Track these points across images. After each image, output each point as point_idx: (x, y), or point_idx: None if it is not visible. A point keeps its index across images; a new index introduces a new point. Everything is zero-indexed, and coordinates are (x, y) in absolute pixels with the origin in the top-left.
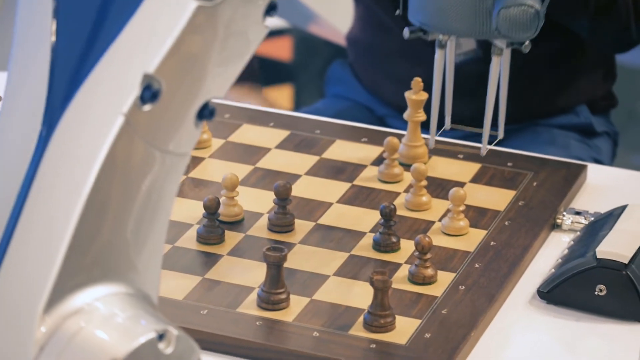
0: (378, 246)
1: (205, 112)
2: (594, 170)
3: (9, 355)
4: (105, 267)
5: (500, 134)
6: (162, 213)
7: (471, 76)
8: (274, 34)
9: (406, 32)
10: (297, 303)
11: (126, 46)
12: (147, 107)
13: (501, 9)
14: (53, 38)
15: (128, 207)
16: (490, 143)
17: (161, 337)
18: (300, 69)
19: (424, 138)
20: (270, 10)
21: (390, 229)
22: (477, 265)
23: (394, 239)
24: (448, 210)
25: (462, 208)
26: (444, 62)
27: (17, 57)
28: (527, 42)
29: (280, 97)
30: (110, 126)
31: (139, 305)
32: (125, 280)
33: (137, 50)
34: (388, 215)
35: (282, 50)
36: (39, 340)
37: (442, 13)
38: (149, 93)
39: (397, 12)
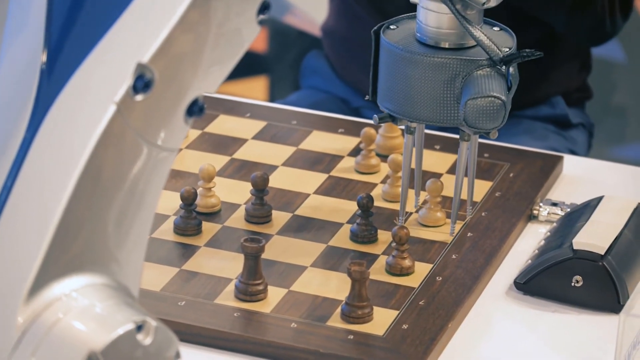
0: (355, 237)
1: (195, 109)
2: (570, 162)
3: None
4: (86, 257)
5: (469, 215)
6: (147, 208)
7: None
8: None
9: (375, 119)
10: (275, 294)
11: (120, 35)
12: (139, 97)
13: (468, 100)
14: (45, 23)
15: (113, 198)
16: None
17: (139, 328)
18: (276, 60)
19: (401, 129)
20: (264, 9)
21: (367, 220)
22: (454, 257)
23: (371, 230)
24: (425, 202)
25: (439, 199)
26: (412, 146)
27: (9, 41)
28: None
29: (255, 89)
30: (102, 114)
31: (117, 296)
32: (105, 271)
33: (132, 39)
34: (365, 207)
35: (257, 41)
36: (18, 330)
37: (410, 101)
38: (142, 82)
39: (367, 97)
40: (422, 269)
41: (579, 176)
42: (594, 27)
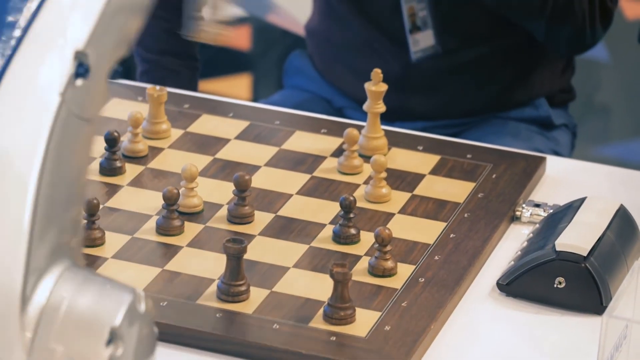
0: (338, 238)
1: (115, 71)
2: (553, 163)
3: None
4: (55, 247)
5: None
6: (84, 174)
7: (429, 72)
8: (232, 22)
9: None
10: (257, 295)
11: (49, 24)
12: (79, 82)
13: None
14: None
15: (64, 183)
16: None
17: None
18: (259, 59)
19: (384, 130)
20: None
21: (350, 221)
22: (436, 258)
23: (353, 231)
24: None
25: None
26: None
27: None
28: None
29: (239, 87)
30: (48, 108)
31: (90, 273)
32: (65, 253)
33: (63, 26)
34: (348, 207)
35: (241, 39)
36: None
37: None
38: (82, 69)
39: None
40: (404, 271)
41: (561, 177)
42: (573, 37)
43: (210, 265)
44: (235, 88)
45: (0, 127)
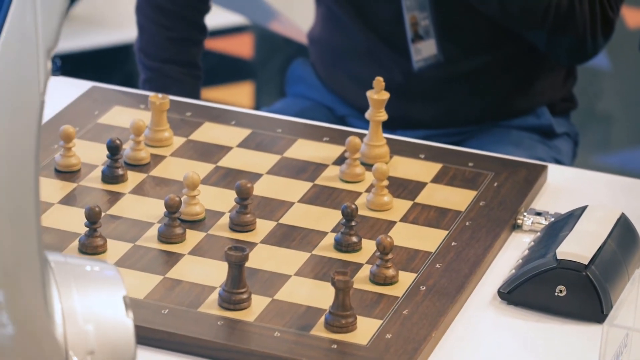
0: (339, 246)
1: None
2: (554, 171)
3: None
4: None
5: None
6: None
7: (431, 81)
8: (234, 30)
9: None
10: (259, 303)
11: (18, 29)
12: (49, 79)
13: None
14: None
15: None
16: None
17: None
18: (261, 67)
19: (386, 138)
20: None
21: (351, 229)
22: (438, 266)
23: (355, 239)
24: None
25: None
26: None
27: None
28: None
29: (241, 94)
30: (33, 110)
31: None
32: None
33: (34, 30)
34: (349, 215)
35: (243, 47)
36: None
37: None
38: (55, 66)
39: None
40: (406, 279)
41: (563, 186)
42: (575, 47)
43: (212, 273)
44: (237, 96)
45: None
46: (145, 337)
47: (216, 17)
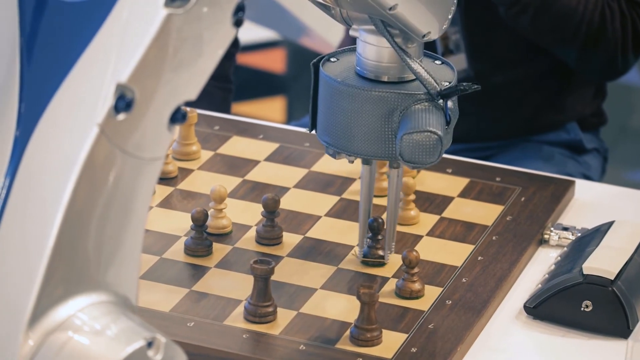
0: (365, 260)
1: (178, 116)
2: (581, 186)
3: None
4: (84, 276)
5: (386, 258)
6: (139, 216)
7: (461, 95)
8: (267, 45)
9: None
10: (284, 316)
11: (97, 56)
12: (121, 117)
13: (404, 134)
14: (19, 49)
15: (105, 215)
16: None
17: (150, 344)
18: (293, 82)
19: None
20: (239, 10)
21: (378, 243)
22: (464, 280)
23: (381, 253)
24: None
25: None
26: (369, 179)
27: None
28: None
29: (273, 109)
30: (85, 137)
31: (123, 312)
32: (106, 287)
33: (109, 59)
34: (376, 229)
35: (275, 62)
36: (26, 355)
37: (348, 135)
38: (123, 102)
39: (307, 129)
40: (431, 293)
41: (590, 201)
42: (605, 64)
43: (238, 286)
44: (269, 111)
45: (39, 146)
46: None
47: (249, 33)
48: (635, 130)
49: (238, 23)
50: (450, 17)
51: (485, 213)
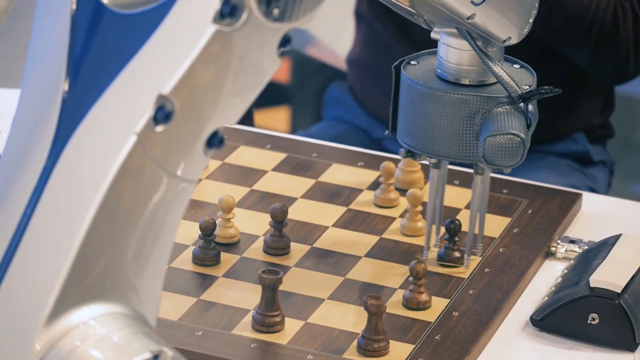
0: (442, 262)
1: (215, 141)
2: (588, 199)
3: None
4: (104, 286)
5: (479, 252)
6: (166, 238)
7: None
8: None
9: (402, 153)
10: (292, 326)
11: (142, 66)
12: (159, 128)
13: (487, 137)
14: (68, 52)
15: (132, 228)
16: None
17: (156, 357)
18: (298, 91)
19: (420, 163)
20: (285, 42)
21: (454, 245)
22: (471, 292)
23: (457, 255)
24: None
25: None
26: (440, 181)
27: (31, 68)
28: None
29: (277, 119)
30: (122, 145)
31: (135, 325)
32: (123, 300)
33: (153, 70)
34: (453, 231)
35: (280, 71)
36: (35, 356)
37: (430, 137)
38: (162, 113)
39: (387, 132)
40: (438, 304)
41: (597, 214)
42: (617, 65)
43: (246, 295)
44: (274, 120)
45: (76, 150)
46: None
47: None
48: None
49: (283, 54)
50: (531, 20)
51: (492, 225)
